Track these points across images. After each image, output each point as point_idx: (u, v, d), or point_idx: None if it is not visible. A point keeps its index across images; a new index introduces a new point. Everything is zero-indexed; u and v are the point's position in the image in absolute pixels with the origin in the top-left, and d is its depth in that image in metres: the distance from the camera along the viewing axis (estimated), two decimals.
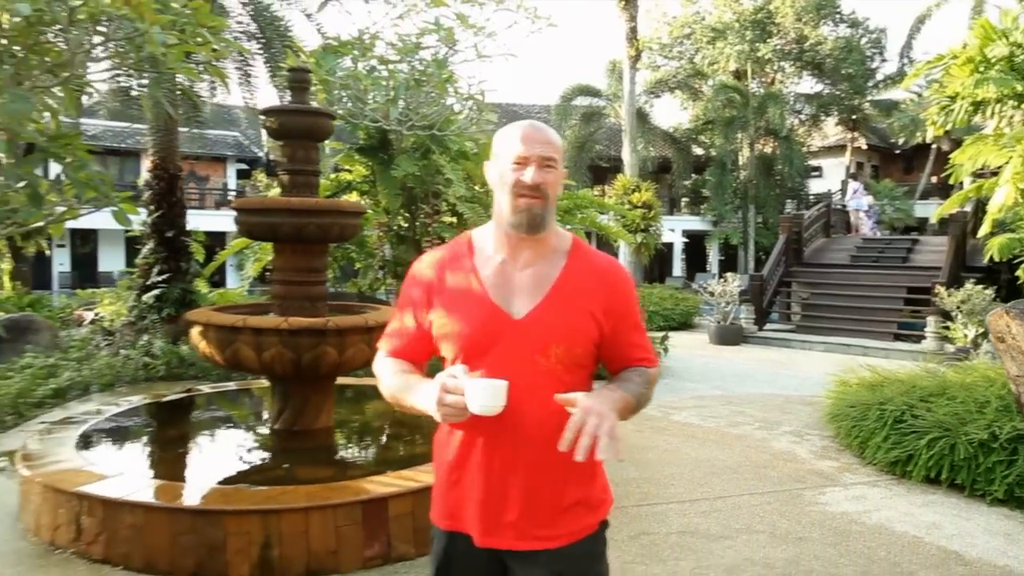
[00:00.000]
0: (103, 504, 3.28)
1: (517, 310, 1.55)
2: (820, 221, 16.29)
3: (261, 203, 4.66)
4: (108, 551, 3.26)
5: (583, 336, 1.56)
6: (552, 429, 1.47)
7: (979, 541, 3.90)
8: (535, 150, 1.54)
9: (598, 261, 1.64)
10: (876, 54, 27.96)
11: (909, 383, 5.58)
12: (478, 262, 1.60)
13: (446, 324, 1.58)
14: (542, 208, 1.54)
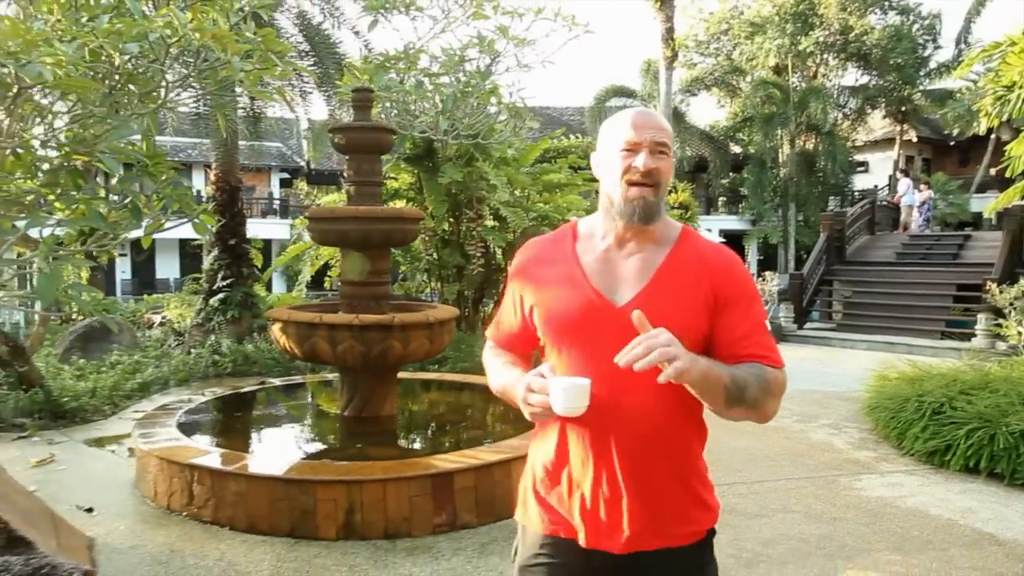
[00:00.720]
0: (211, 474, 3.75)
1: (620, 297, 1.47)
2: (864, 218, 16.26)
3: (332, 212, 5.09)
4: (216, 514, 3.74)
5: (689, 324, 1.44)
6: (657, 422, 1.44)
7: (1015, 525, 4.10)
8: (647, 135, 1.46)
9: (707, 247, 1.54)
10: (929, 41, 27.07)
11: (950, 377, 5.75)
12: (580, 249, 1.54)
13: (544, 312, 1.53)
14: (656, 196, 1.46)
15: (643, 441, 1.44)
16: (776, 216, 26.75)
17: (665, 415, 1.44)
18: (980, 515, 4.23)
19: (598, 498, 1.46)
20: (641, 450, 1.44)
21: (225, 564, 3.41)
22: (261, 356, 8.86)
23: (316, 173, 26.59)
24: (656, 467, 1.46)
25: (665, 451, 1.45)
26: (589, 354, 1.45)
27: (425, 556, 3.52)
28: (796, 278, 13.60)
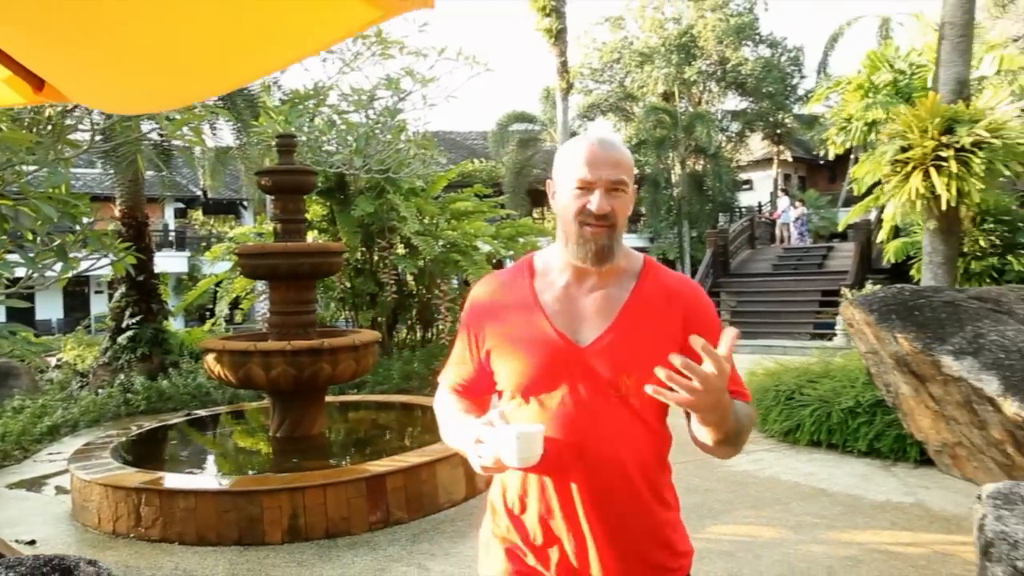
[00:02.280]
0: (159, 494, 4.15)
1: (583, 337, 1.39)
2: (745, 234, 17.78)
3: (263, 248, 5.58)
4: (165, 531, 4.13)
5: (658, 362, 1.31)
6: (629, 468, 1.37)
7: (841, 481, 5.05)
8: (602, 174, 1.35)
9: (672, 280, 1.48)
10: (795, 71, 29.95)
11: (802, 369, 6.77)
12: (538, 287, 1.45)
13: (503, 355, 1.43)
14: (610, 238, 1.37)
15: (613, 490, 1.37)
16: (672, 233, 28.41)
17: (635, 461, 1.38)
18: (818, 476, 5.16)
19: (566, 552, 1.39)
20: (611, 499, 1.37)
21: (181, 572, 3.82)
22: (176, 392, 8.89)
23: (214, 203, 26.09)
24: (627, 516, 1.38)
25: (636, 499, 1.38)
26: (553, 397, 1.37)
27: (364, 548, 4.06)
28: None
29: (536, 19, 17.02)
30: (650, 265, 1.48)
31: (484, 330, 1.47)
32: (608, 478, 1.37)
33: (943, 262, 6.64)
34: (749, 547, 3.93)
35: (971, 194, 6.02)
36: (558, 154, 1.45)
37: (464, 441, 1.39)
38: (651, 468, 1.43)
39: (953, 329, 4.60)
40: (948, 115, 6.07)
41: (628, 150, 1.43)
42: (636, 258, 1.48)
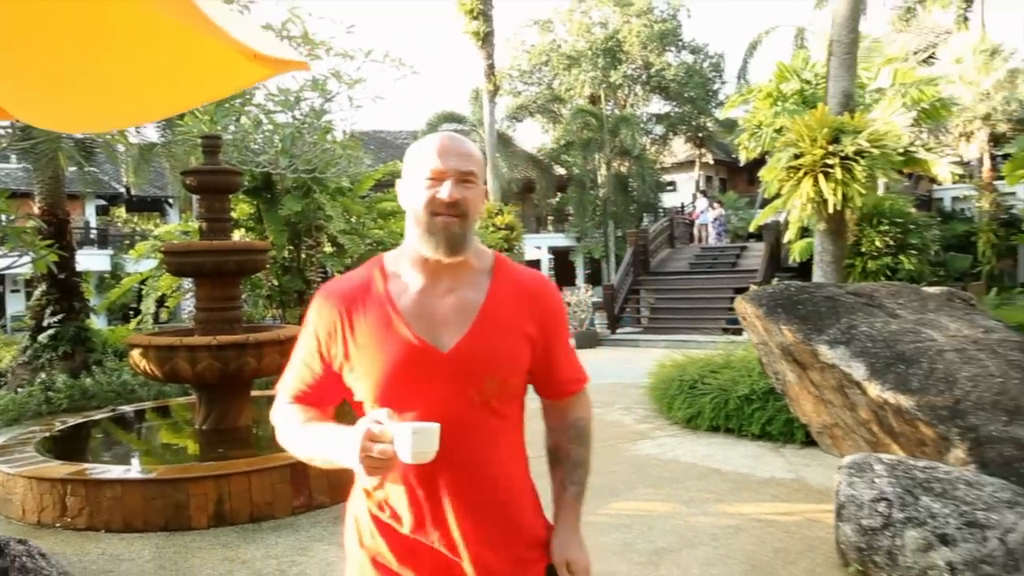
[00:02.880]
0: (85, 484, 4.27)
1: (444, 341, 1.38)
2: (664, 234, 18.49)
3: (188, 247, 5.69)
4: (92, 520, 4.25)
5: (517, 365, 1.43)
6: (494, 470, 1.41)
7: (735, 461, 5.54)
8: (452, 163, 1.37)
9: (525, 278, 1.50)
10: (717, 77, 31.14)
11: (705, 361, 7.29)
12: (393, 289, 1.42)
13: (362, 363, 1.39)
14: (461, 227, 1.37)
15: (480, 491, 1.40)
16: (598, 233, 29.13)
17: (499, 461, 1.42)
18: (714, 458, 5.64)
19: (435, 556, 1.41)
20: (479, 500, 1.40)
21: (108, 556, 3.97)
22: (100, 389, 8.85)
23: (138, 200, 25.39)
24: (494, 515, 1.42)
25: (501, 497, 1.42)
26: (415, 406, 1.35)
27: (288, 531, 4.28)
28: (608, 289, 15.35)
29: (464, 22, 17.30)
30: (501, 263, 1.49)
31: (337, 336, 1.42)
32: (475, 480, 1.39)
33: (832, 261, 7.26)
34: (645, 520, 4.33)
35: (854, 199, 6.63)
36: (408, 153, 1.45)
37: (334, 447, 1.32)
38: (513, 465, 1.47)
39: (831, 321, 5.13)
40: (835, 126, 6.66)
41: (478, 149, 1.46)
42: (487, 255, 1.49)
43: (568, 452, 1.56)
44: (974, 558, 3.08)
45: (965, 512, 3.20)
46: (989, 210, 18.11)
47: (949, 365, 4.56)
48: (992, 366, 4.55)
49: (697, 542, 3.98)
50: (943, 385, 4.43)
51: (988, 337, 4.89)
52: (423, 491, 1.38)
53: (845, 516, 3.49)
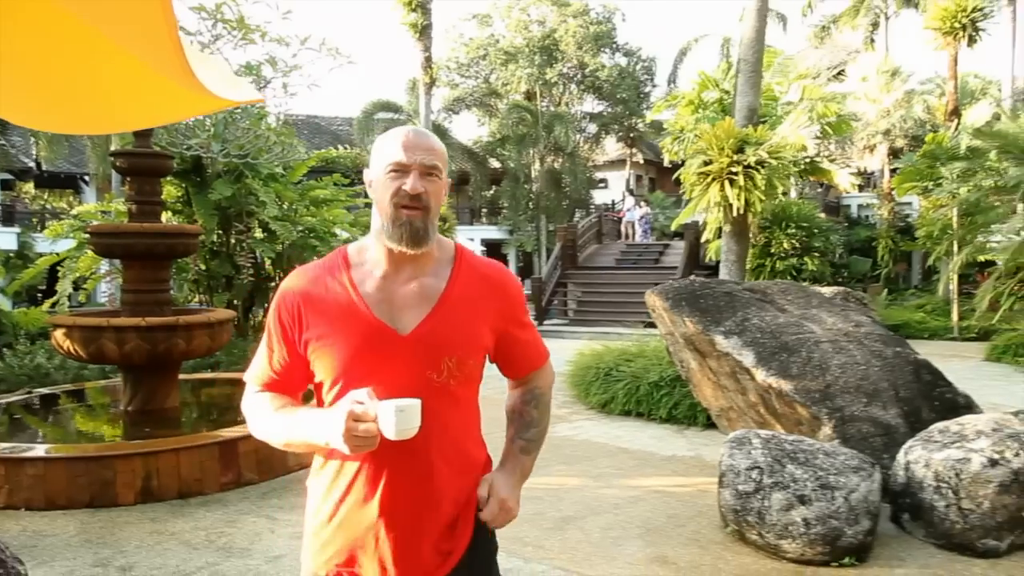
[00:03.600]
0: (4, 463, 4.32)
1: (403, 325, 1.44)
2: (593, 230, 19.07)
3: (117, 228, 5.76)
4: (11, 498, 4.32)
5: (476, 347, 1.49)
6: (451, 448, 1.46)
7: (642, 441, 6.00)
8: (416, 157, 1.42)
9: (485, 267, 1.56)
10: (648, 80, 32.05)
11: (620, 351, 7.74)
12: (356, 277, 1.47)
13: (324, 347, 1.44)
14: (424, 220, 1.42)
15: (441, 466, 1.45)
16: (531, 226, 29.61)
17: (453, 442, 1.47)
18: (624, 439, 6.08)
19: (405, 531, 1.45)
20: (440, 475, 1.45)
21: (31, 533, 3.99)
22: (12, 373, 8.61)
23: (49, 176, 24.07)
24: (452, 490, 1.47)
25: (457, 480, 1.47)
26: (375, 386, 1.37)
27: (216, 506, 4.47)
28: (537, 282, 15.79)
29: (402, 13, 17.40)
30: (462, 252, 1.55)
31: (302, 321, 1.46)
32: (434, 457, 1.44)
33: (736, 260, 7.83)
34: (556, 492, 4.71)
35: (755, 204, 7.20)
36: (375, 146, 1.49)
37: (314, 429, 1.38)
38: (468, 447, 1.54)
39: (728, 314, 5.62)
40: (740, 137, 7.21)
41: (443, 145, 1.50)
42: (448, 246, 1.54)
43: (522, 412, 1.64)
44: (824, 514, 3.57)
45: (820, 476, 3.69)
46: (888, 218, 19.37)
47: (824, 354, 5.10)
48: (858, 355, 5.13)
49: (600, 510, 4.38)
50: (817, 371, 4.97)
51: (857, 331, 5.47)
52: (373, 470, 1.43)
53: (725, 483, 3.94)
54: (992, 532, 3.71)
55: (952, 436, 4.05)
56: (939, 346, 12.36)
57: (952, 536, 3.76)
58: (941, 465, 3.85)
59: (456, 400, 1.48)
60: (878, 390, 4.94)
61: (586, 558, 3.66)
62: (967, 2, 15.48)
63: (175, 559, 3.63)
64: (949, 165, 11.44)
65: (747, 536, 3.82)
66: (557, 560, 3.62)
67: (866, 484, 3.72)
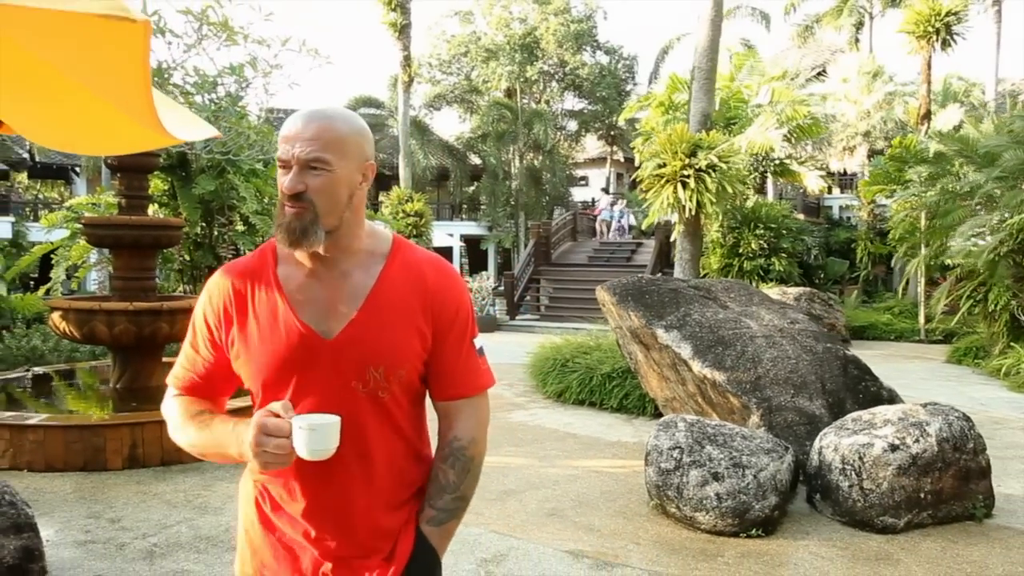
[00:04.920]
0: (9, 428, 4.79)
1: (328, 328, 1.33)
2: (567, 227, 19.59)
3: (108, 220, 6.16)
4: (15, 460, 4.78)
5: (406, 354, 1.35)
6: (382, 465, 1.36)
7: (591, 428, 6.52)
8: (296, 150, 1.28)
9: (423, 261, 1.41)
10: (630, 78, 32.57)
11: (578, 344, 8.25)
12: (282, 274, 1.37)
13: (245, 350, 1.35)
14: (304, 220, 1.28)
15: (366, 482, 1.35)
16: (510, 223, 30.08)
17: (383, 457, 1.37)
18: (574, 425, 6.60)
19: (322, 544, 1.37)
20: (365, 490, 1.36)
21: (33, 491, 4.48)
22: (9, 354, 9.04)
23: (42, 167, 24.47)
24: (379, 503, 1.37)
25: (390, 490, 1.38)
26: (299, 393, 1.31)
27: (195, 473, 4.92)
28: (508, 277, 16.30)
29: (382, 12, 17.77)
30: (399, 247, 1.41)
31: (227, 322, 1.37)
32: (358, 473, 1.34)
33: (689, 258, 8.37)
34: (502, 470, 5.20)
35: (707, 206, 7.73)
36: None
37: (227, 441, 1.30)
38: (400, 462, 1.40)
39: (671, 309, 6.14)
40: (693, 141, 7.73)
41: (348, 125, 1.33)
42: (383, 239, 1.42)
43: (437, 473, 1.42)
44: (735, 489, 4.08)
45: (734, 456, 4.20)
46: (867, 220, 19.46)
47: (757, 348, 5.63)
48: (790, 350, 5.66)
49: (540, 486, 4.88)
50: (750, 364, 5.50)
51: (792, 327, 6.01)
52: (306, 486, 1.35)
53: (649, 461, 4.45)
54: (890, 511, 4.20)
55: (863, 424, 4.55)
56: (904, 347, 12.89)
57: (854, 514, 4.25)
58: (847, 449, 4.36)
59: (387, 413, 1.36)
60: (806, 382, 5.47)
61: (520, 525, 4.16)
62: (941, 6, 15.57)
63: (157, 515, 4.10)
64: (915, 168, 11.76)
65: (668, 509, 4.33)
66: (493, 526, 4.11)
67: (775, 464, 4.23)
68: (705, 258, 14.86)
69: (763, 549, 3.88)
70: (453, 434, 1.44)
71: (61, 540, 3.74)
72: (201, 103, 9.25)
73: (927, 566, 3.62)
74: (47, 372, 7.02)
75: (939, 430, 4.24)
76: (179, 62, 9.57)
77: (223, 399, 1.49)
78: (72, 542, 3.73)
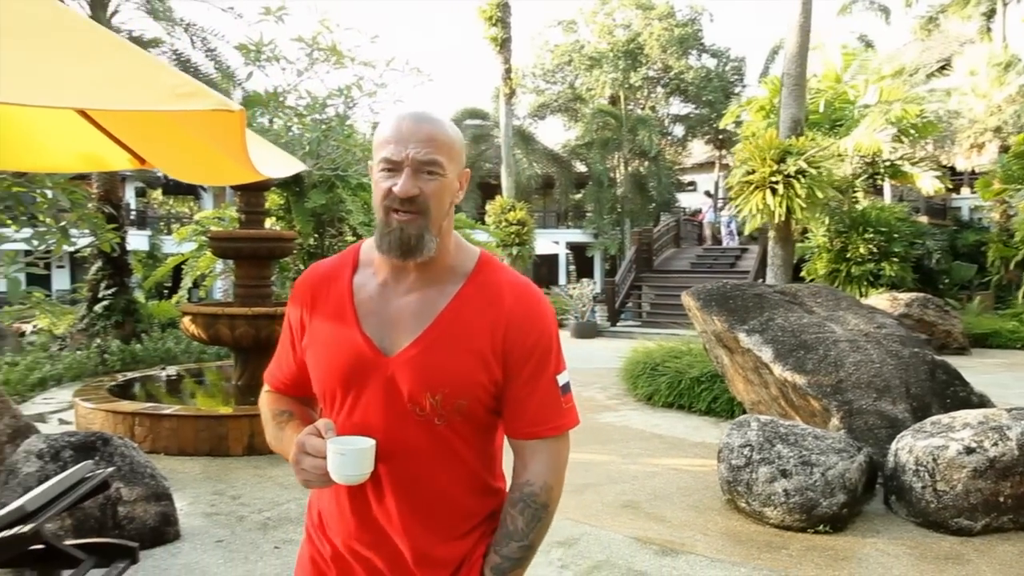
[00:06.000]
0: (150, 417, 5.50)
1: (391, 345, 1.25)
2: (670, 234, 19.48)
3: (230, 234, 6.91)
4: (153, 445, 5.48)
5: (467, 384, 1.24)
6: (430, 492, 1.27)
7: (676, 430, 6.64)
8: (410, 151, 1.19)
9: (501, 286, 1.29)
10: (738, 80, 31.92)
11: (668, 349, 8.35)
12: (358, 281, 1.31)
13: (314, 356, 1.31)
14: (419, 227, 1.20)
15: (420, 511, 1.28)
16: (615, 230, 30.09)
17: (441, 485, 1.28)
18: (660, 426, 6.74)
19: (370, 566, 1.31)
20: (418, 520, 1.28)
21: (168, 470, 5.07)
22: (148, 354, 10.20)
23: (174, 184, 26.89)
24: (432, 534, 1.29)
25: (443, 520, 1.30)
26: (354, 412, 1.27)
27: None
28: (609, 284, 16.42)
29: (483, 27, 18.40)
30: (485, 263, 1.32)
31: (303, 324, 1.35)
32: (415, 497, 1.27)
33: (781, 264, 8.29)
34: (584, 465, 5.44)
35: (796, 211, 7.65)
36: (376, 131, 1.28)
37: (288, 446, 1.28)
38: (457, 493, 1.30)
39: (754, 314, 6.18)
40: (783, 148, 7.68)
41: (454, 130, 1.27)
42: (470, 254, 1.32)
43: (506, 517, 1.31)
44: (802, 486, 4.16)
45: (804, 455, 4.27)
46: (1000, 221, 17.94)
47: (840, 352, 5.61)
48: (875, 354, 5.60)
49: (619, 480, 5.09)
50: (831, 368, 5.48)
51: (878, 332, 5.93)
52: (349, 503, 1.29)
53: (721, 458, 4.58)
54: (965, 513, 4.17)
55: (941, 427, 4.52)
56: None
57: (928, 515, 4.24)
58: (921, 451, 4.35)
59: (444, 442, 1.26)
60: (889, 387, 5.41)
61: (595, 514, 4.40)
62: None
63: (271, 494, 4.64)
64: None
65: (738, 504, 4.45)
66: (570, 515, 4.36)
67: (844, 464, 4.27)
68: (811, 263, 14.47)
69: (829, 544, 3.94)
70: (526, 477, 1.31)
71: (191, 511, 4.32)
72: (312, 123, 10.04)
73: (998, 567, 3.59)
74: (179, 371, 7.87)
75: (1021, 434, 4.14)
76: (292, 85, 10.45)
77: (312, 398, 1.42)
78: (200, 513, 4.31)
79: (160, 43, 11.66)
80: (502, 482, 1.40)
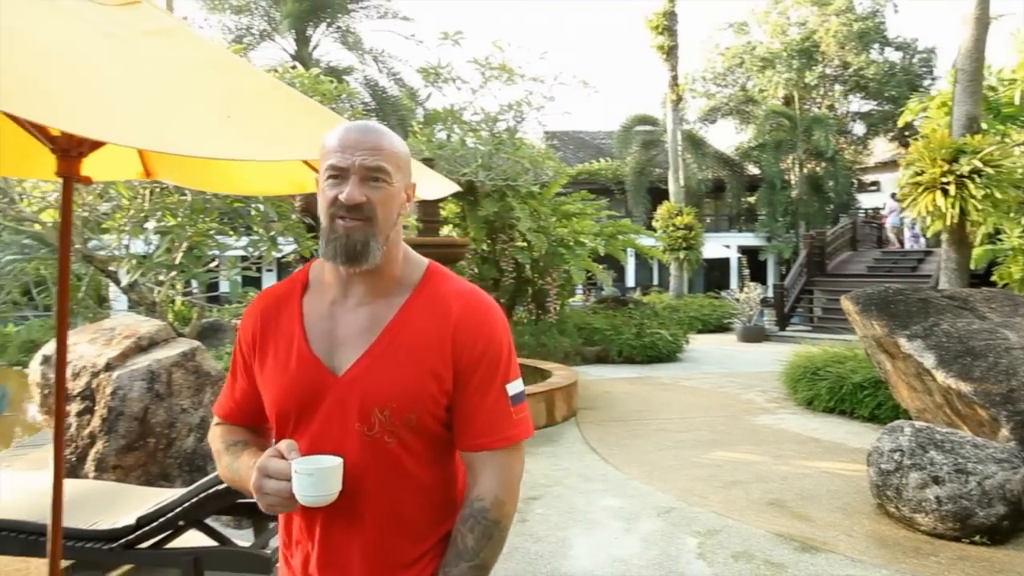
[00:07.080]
0: None
1: (340, 364, 1.24)
2: (845, 236, 18.54)
3: (411, 240, 7.75)
4: None
5: (417, 397, 1.22)
6: (381, 514, 1.25)
7: (835, 435, 6.58)
8: (356, 158, 1.19)
9: (447, 297, 1.27)
10: (927, 73, 29.59)
11: (831, 354, 8.19)
12: (307, 301, 1.30)
13: (265, 383, 1.29)
14: (364, 234, 1.20)
15: (375, 530, 1.25)
16: (789, 233, 28.90)
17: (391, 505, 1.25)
18: (818, 431, 6.70)
19: None
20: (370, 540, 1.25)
21: None
22: None
23: None
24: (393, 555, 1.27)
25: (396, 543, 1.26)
26: (305, 435, 1.24)
27: None
28: (779, 288, 15.98)
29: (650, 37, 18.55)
30: (431, 276, 1.31)
31: (254, 350, 1.33)
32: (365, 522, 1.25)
33: (955, 268, 7.85)
34: (735, 464, 5.63)
35: (971, 213, 7.22)
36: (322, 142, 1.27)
37: (246, 474, 1.24)
38: (410, 514, 1.27)
39: (918, 319, 6.03)
40: (956, 147, 7.26)
41: (399, 141, 1.28)
42: (418, 265, 1.33)
43: (456, 535, 1.27)
44: (956, 494, 4.13)
45: (959, 463, 4.24)
46: None
47: (1013, 360, 5.36)
48: None
49: (768, 480, 5.24)
50: (1002, 376, 5.27)
51: None
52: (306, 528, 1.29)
53: (871, 462, 4.61)
54: None
55: None
56: None
57: None
58: None
59: (394, 460, 1.24)
60: None
61: (739, 509, 4.60)
62: None
63: None
64: None
65: (888, 509, 4.47)
66: (715, 508, 4.61)
67: (1004, 474, 4.19)
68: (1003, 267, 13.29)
69: (984, 556, 3.90)
70: (476, 492, 1.27)
71: None
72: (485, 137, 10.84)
73: None
74: None
75: None
76: (468, 102, 11.32)
77: (262, 427, 1.41)
78: None
79: (352, 71, 13.06)
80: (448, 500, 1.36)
